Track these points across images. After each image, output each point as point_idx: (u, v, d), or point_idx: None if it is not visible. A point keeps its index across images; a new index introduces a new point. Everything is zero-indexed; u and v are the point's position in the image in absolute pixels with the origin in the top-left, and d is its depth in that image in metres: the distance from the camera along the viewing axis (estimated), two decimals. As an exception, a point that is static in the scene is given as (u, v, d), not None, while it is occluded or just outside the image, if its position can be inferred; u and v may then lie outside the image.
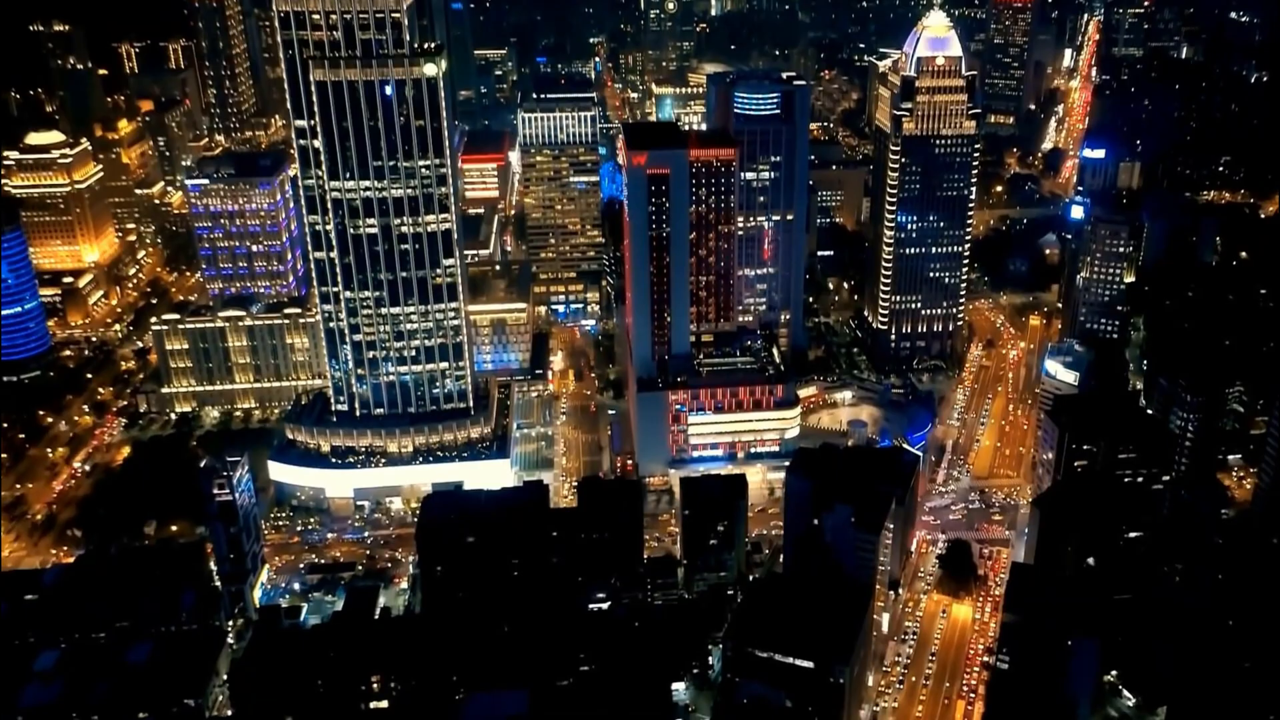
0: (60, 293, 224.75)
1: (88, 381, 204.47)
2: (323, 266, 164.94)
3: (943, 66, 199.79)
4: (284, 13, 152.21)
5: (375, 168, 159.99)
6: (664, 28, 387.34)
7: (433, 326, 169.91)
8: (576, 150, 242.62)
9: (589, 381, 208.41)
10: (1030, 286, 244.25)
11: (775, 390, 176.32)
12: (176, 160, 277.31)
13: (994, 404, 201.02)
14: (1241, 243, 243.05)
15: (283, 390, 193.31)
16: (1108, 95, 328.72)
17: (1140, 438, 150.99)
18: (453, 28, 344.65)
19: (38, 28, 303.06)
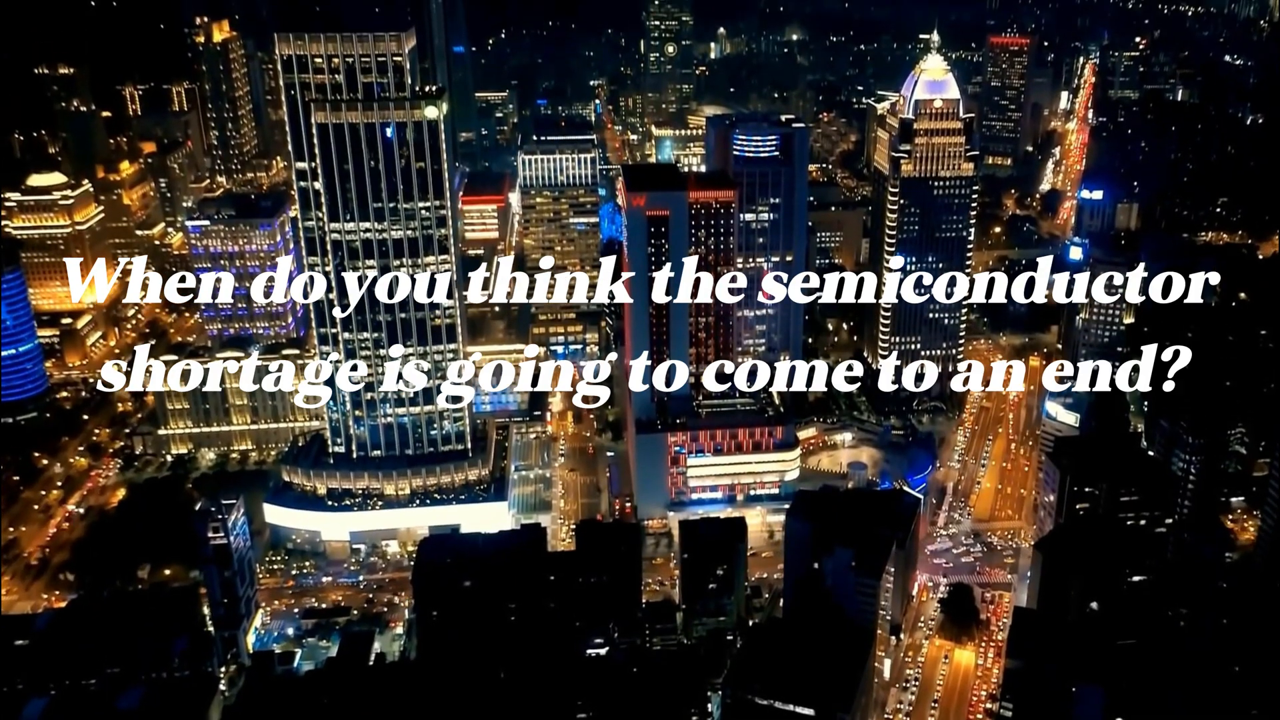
0: (58, 334, 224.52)
1: (84, 423, 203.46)
2: (322, 308, 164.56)
3: (940, 109, 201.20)
4: (286, 56, 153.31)
5: (375, 209, 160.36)
6: (664, 71, 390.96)
7: (431, 368, 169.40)
8: (576, 192, 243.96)
9: (588, 423, 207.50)
10: (1029, 327, 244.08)
11: (775, 432, 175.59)
12: (177, 201, 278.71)
13: (994, 445, 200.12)
14: (1240, 284, 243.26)
15: (280, 432, 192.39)
16: (1104, 137, 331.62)
17: (1142, 480, 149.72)
18: (454, 71, 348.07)
19: (43, 70, 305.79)
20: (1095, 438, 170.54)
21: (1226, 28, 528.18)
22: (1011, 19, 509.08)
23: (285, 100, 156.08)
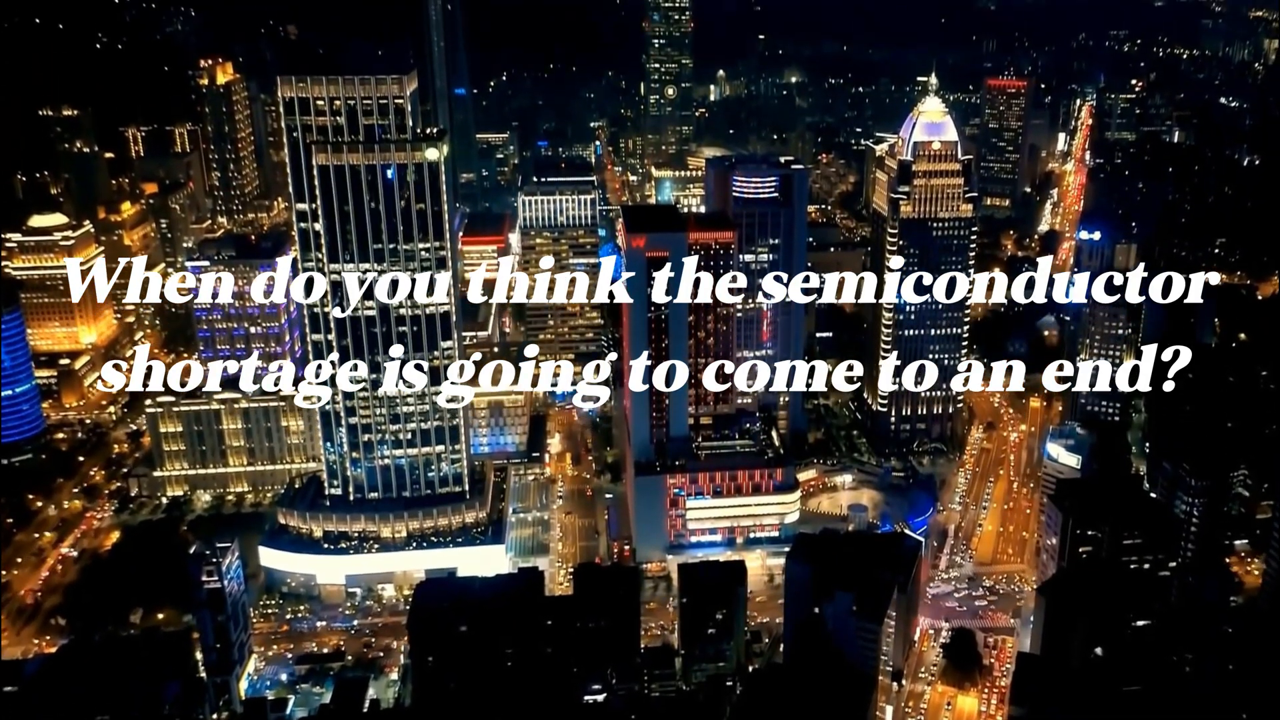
0: (56, 374, 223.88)
1: (80, 464, 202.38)
2: (320, 349, 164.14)
3: (939, 151, 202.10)
4: (288, 98, 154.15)
5: (375, 250, 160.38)
6: (664, 113, 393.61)
7: (429, 409, 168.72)
8: (576, 232, 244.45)
9: (586, 464, 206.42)
10: (1029, 368, 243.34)
11: (774, 474, 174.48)
12: (178, 242, 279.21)
13: (995, 488, 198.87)
14: (1240, 324, 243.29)
15: (276, 474, 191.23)
16: (1102, 178, 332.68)
17: (1145, 523, 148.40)
18: (456, 112, 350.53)
19: (47, 112, 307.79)
20: (1097, 480, 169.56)
21: (1222, 71, 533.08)
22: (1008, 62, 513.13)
23: (286, 142, 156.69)
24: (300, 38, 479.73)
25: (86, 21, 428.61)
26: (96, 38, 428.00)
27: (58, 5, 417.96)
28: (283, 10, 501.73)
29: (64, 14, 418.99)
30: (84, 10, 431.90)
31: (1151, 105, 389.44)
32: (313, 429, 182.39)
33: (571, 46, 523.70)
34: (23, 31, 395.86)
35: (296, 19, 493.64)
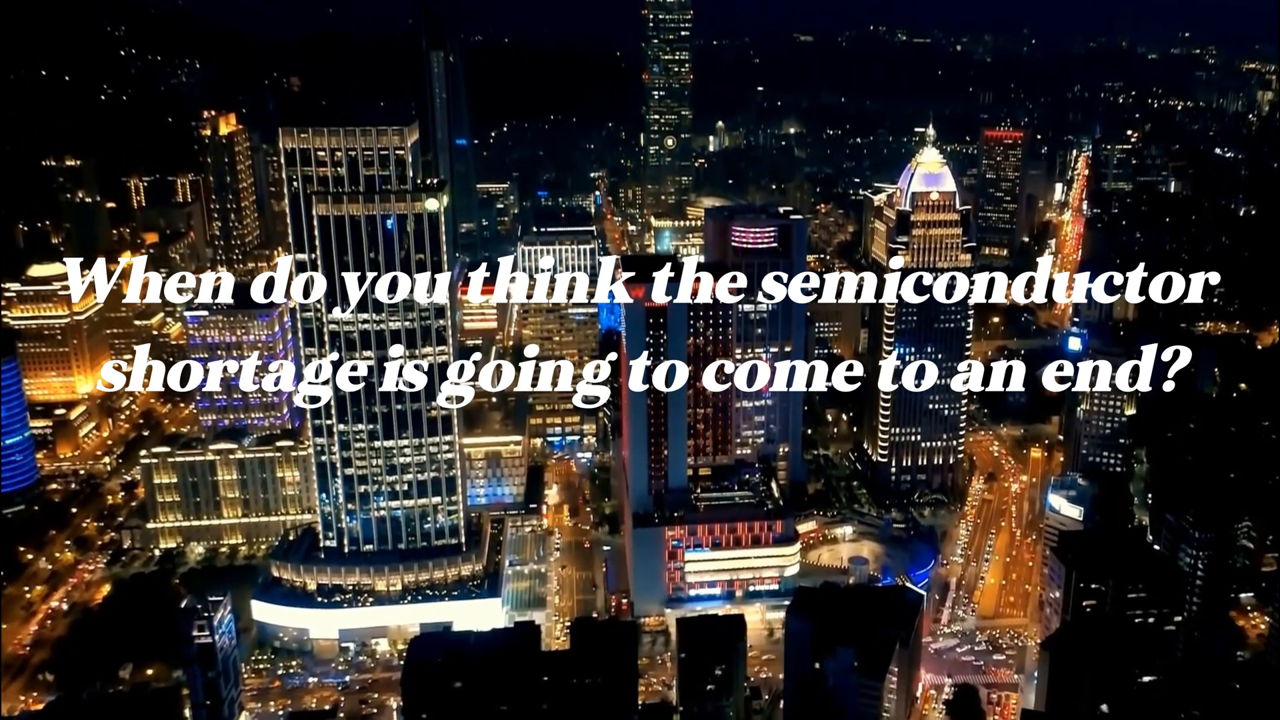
0: (51, 424, 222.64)
1: (72, 516, 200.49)
2: (317, 399, 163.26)
3: (937, 201, 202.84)
4: (290, 149, 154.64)
5: (374, 301, 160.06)
6: (663, 163, 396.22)
7: (426, 460, 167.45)
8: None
9: (584, 516, 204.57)
10: (1030, 418, 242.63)
11: (774, 526, 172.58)
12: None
13: (997, 539, 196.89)
14: (1240, 374, 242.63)
15: (271, 525, 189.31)
16: (1099, 228, 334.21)
17: (1150, 576, 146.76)
18: (456, 162, 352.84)
19: (50, 163, 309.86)
20: (1100, 532, 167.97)
21: (1216, 121, 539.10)
22: (1005, 113, 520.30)
23: (287, 192, 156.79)
24: (303, 90, 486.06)
25: (93, 73, 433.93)
26: (102, 89, 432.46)
27: (65, 57, 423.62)
28: (287, 63, 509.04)
29: (71, 66, 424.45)
30: (90, 63, 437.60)
31: (1147, 155, 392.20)
32: (308, 480, 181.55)
33: (572, 98, 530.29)
34: (29, 82, 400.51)
35: (300, 71, 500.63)
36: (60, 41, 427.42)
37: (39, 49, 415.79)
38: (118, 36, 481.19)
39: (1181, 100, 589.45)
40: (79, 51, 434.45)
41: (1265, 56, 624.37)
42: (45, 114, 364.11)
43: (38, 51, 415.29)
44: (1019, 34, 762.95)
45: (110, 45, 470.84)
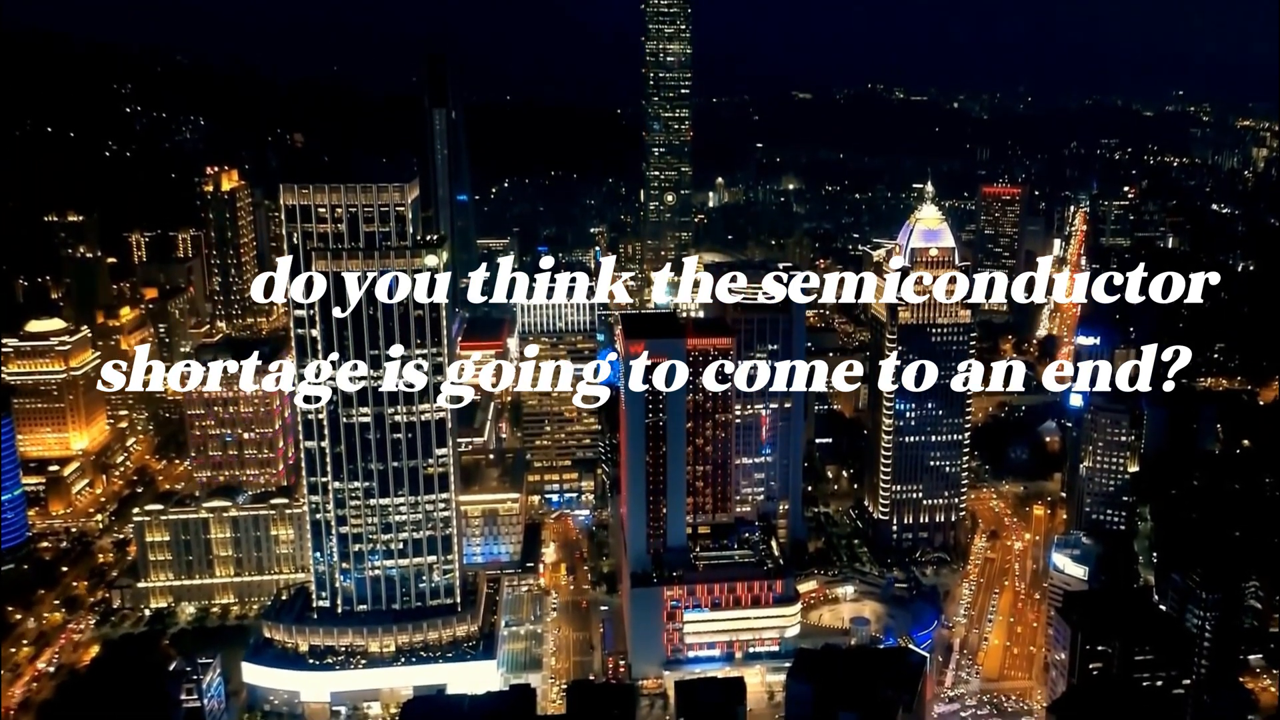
0: (44, 481, 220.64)
1: (62, 575, 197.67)
2: (313, 455, 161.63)
3: (936, 257, 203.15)
4: (290, 205, 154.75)
5: (372, 356, 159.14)
6: (663, 219, 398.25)
7: (422, 518, 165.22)
8: (574, 338, 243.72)
9: (582, 575, 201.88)
10: (1032, 475, 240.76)
11: (774, 585, 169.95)
12: (175, 346, 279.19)
13: (1001, 599, 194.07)
14: (1242, 430, 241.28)
15: (264, 585, 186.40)
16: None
17: (1157, 638, 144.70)
18: (457, 218, 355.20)
19: (52, 218, 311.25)
20: (1105, 592, 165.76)
21: (1212, 178, 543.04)
22: (1002, 169, 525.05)
23: (287, 248, 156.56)
24: (307, 146, 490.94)
25: (98, 130, 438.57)
26: (106, 145, 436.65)
27: (71, 114, 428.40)
28: (291, 120, 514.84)
29: (76, 122, 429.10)
30: (96, 119, 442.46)
31: (1145, 211, 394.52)
32: (302, 538, 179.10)
33: (573, 154, 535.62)
34: (34, 138, 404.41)
35: (304, 128, 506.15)
36: (67, 98, 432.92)
37: (46, 105, 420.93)
38: (124, 94, 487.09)
39: (1177, 157, 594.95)
40: (85, 108, 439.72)
41: (1259, 114, 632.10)
42: (49, 169, 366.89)
43: (44, 108, 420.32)
44: (1015, 92, 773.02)
45: (116, 102, 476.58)
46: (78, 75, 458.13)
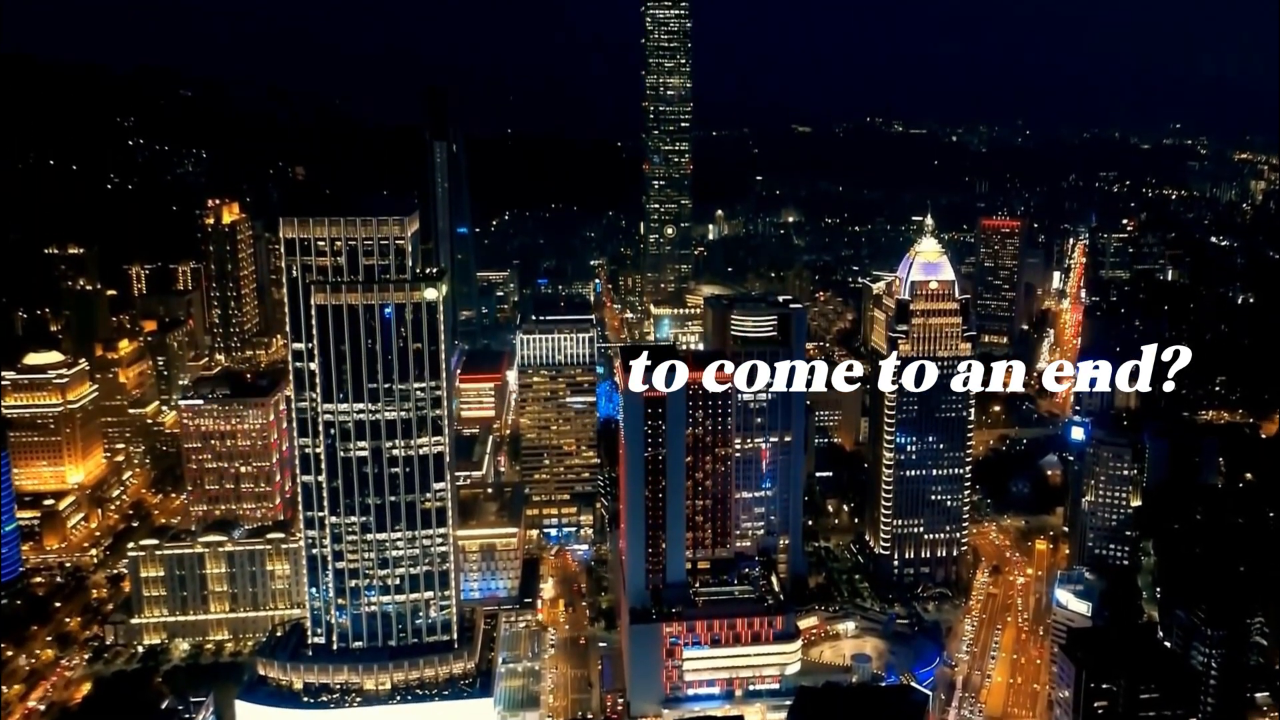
0: (39, 515, 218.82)
1: (55, 610, 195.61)
2: (310, 490, 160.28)
3: (936, 290, 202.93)
4: (290, 239, 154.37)
5: (370, 390, 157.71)
6: (663, 251, 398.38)
7: (419, 553, 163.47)
8: (574, 371, 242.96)
9: (581, 611, 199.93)
10: (1033, 509, 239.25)
11: (775, 622, 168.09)
12: (174, 379, 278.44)
13: (1004, 635, 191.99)
14: (1244, 463, 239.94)
15: (259, 621, 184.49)
16: (1098, 316, 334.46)
17: (1162, 675, 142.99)
18: (457, 251, 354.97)
19: (53, 250, 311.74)
20: (1110, 629, 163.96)
21: (1210, 211, 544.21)
22: (1001, 202, 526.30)
23: (286, 282, 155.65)
24: (308, 179, 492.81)
25: (100, 163, 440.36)
26: (108, 178, 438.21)
27: (73, 147, 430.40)
28: (292, 152, 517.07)
29: (78, 155, 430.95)
30: (99, 152, 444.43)
31: (1144, 244, 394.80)
32: (298, 573, 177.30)
33: (573, 187, 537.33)
34: (36, 170, 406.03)
35: (305, 161, 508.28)
36: (70, 131, 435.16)
37: (49, 138, 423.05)
38: (127, 126, 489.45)
39: (1176, 189, 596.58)
40: (88, 141, 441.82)
41: (1256, 147, 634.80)
42: (51, 202, 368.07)
43: (47, 141, 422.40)
44: (1013, 125, 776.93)
45: (119, 135, 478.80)
46: (81, 108, 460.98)
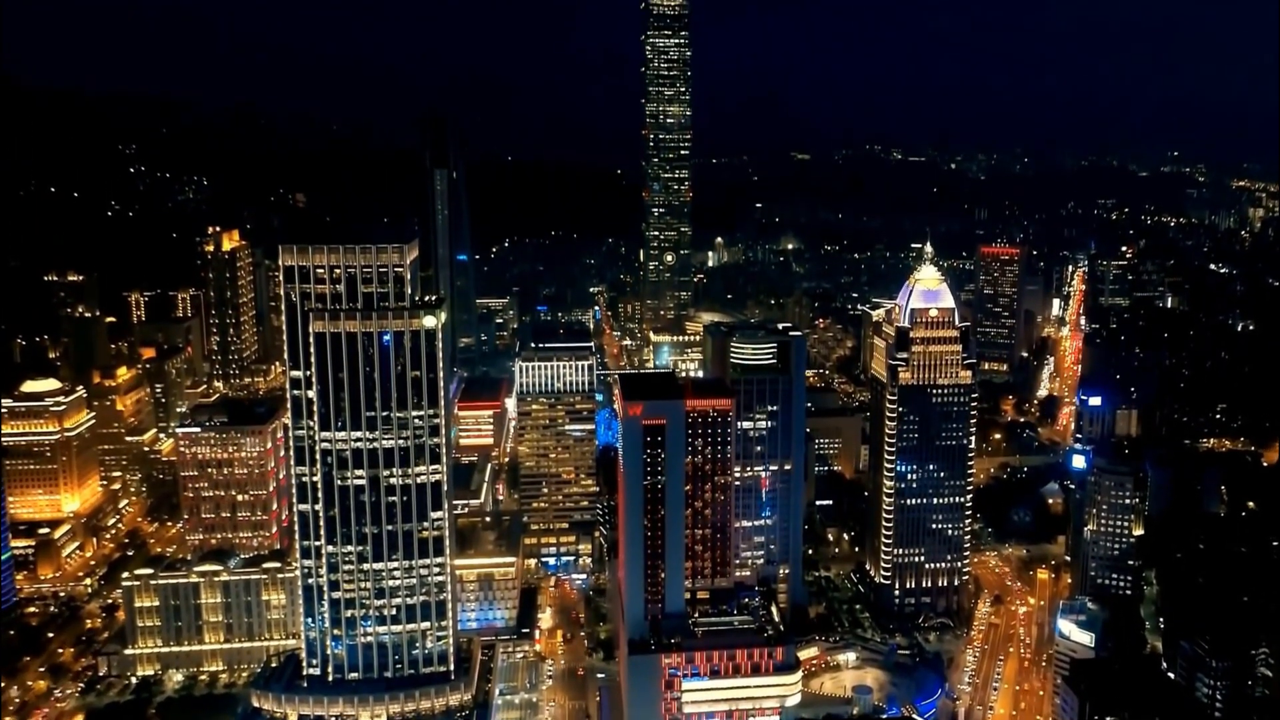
0: (34, 544, 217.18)
1: (49, 641, 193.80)
2: (306, 519, 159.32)
3: (936, 318, 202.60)
4: (289, 266, 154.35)
5: (368, 418, 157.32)
6: (662, 278, 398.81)
7: (416, 583, 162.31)
8: (573, 398, 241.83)
9: (579, 641, 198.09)
10: (1035, 538, 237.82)
11: (775, 653, 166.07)
12: (171, 407, 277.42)
13: (1006, 666, 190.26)
14: (1247, 492, 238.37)
15: (254, 651, 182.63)
16: (1098, 343, 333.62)
17: (1167, 708, 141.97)
18: (457, 278, 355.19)
19: (52, 277, 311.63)
20: (1113, 660, 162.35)
21: (1209, 238, 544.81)
22: (1000, 229, 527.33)
23: (285, 309, 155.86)
24: (309, 206, 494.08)
25: (101, 189, 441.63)
26: (109, 205, 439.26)
27: (75, 174, 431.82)
28: (293, 179, 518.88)
29: (80, 183, 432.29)
30: (100, 179, 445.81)
31: (1143, 271, 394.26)
32: (294, 603, 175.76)
33: (573, 214, 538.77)
34: (37, 198, 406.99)
35: (306, 187, 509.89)
36: (71, 159, 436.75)
37: (50, 166, 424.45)
38: (129, 154, 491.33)
39: (1174, 217, 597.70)
40: (89, 168, 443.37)
41: (1254, 175, 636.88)
42: (51, 229, 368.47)
43: (49, 168, 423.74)
44: (1012, 152, 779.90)
45: (121, 162, 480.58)
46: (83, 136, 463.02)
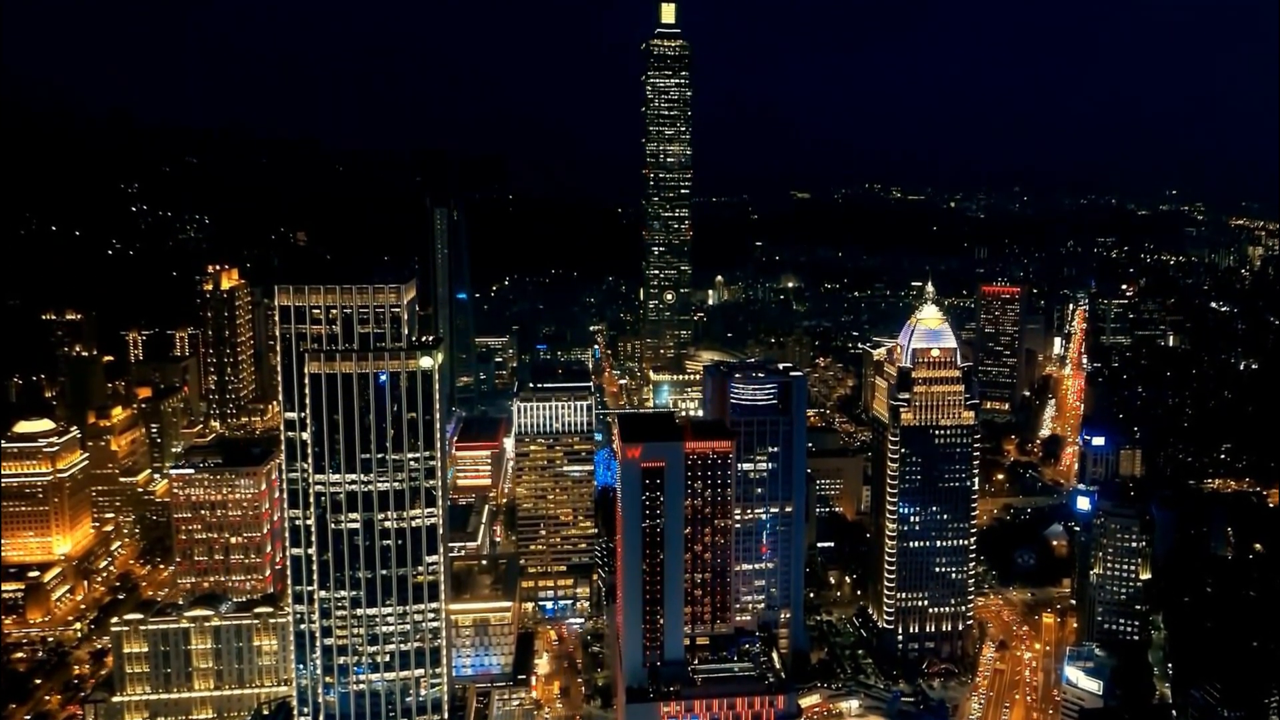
0: (23, 588, 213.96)
1: (35, 688, 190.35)
2: (299, 563, 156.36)
3: (938, 358, 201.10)
4: (285, 306, 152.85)
5: (363, 460, 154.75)
6: (662, 317, 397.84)
7: (410, 629, 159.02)
8: (571, 439, 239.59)
9: (576, 689, 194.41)
10: (1040, 581, 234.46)
11: (776, 701, 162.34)
12: (166, 447, 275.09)
13: (1012, 714, 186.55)
14: (1253, 533, 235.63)
15: (244, 699, 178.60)
16: (1100, 383, 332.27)
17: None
18: (456, 317, 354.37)
19: (50, 316, 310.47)
20: (1122, 710, 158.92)
21: (1209, 276, 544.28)
22: (1000, 268, 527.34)
23: (280, 350, 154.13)
24: (309, 245, 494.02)
25: (102, 228, 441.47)
26: (109, 243, 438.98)
27: (76, 213, 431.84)
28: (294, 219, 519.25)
29: (80, 221, 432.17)
30: (101, 218, 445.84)
31: (1144, 310, 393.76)
32: (286, 649, 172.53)
33: (573, 253, 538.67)
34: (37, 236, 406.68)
35: (306, 226, 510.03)
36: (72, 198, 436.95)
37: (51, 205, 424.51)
38: (130, 193, 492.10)
39: (1174, 255, 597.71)
40: (90, 207, 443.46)
41: (1252, 213, 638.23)
42: (51, 268, 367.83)
43: (49, 207, 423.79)
44: (1011, 191, 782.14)
45: (122, 201, 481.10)
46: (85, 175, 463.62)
